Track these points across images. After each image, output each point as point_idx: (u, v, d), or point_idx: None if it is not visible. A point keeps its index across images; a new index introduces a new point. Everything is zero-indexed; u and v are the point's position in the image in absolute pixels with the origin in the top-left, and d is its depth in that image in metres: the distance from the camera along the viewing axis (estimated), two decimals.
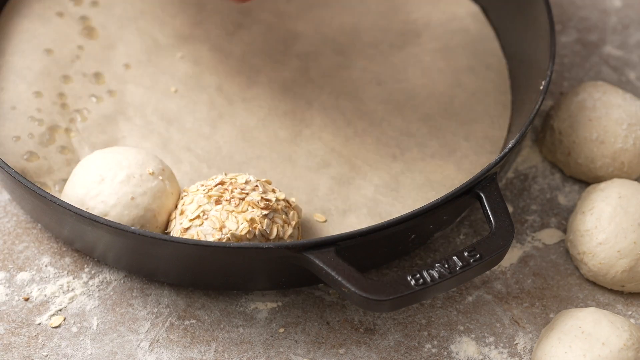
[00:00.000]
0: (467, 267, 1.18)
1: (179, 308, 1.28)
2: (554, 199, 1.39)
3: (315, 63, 1.47)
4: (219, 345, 1.26)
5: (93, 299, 1.28)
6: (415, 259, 1.33)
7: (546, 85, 1.32)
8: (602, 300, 1.31)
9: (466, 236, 1.35)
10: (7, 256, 1.31)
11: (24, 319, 1.27)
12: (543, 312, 1.30)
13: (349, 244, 1.20)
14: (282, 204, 1.26)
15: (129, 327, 1.27)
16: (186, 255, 1.22)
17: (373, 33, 1.51)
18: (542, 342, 1.24)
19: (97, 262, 1.31)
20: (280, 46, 1.49)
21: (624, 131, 1.37)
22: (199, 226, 1.23)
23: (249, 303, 1.29)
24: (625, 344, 1.21)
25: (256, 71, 1.46)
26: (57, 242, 1.32)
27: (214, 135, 1.39)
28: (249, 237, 1.22)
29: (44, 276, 1.30)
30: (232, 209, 1.23)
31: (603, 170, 1.37)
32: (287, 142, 1.40)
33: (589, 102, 1.39)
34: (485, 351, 1.27)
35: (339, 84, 1.45)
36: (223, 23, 1.50)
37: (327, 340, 1.27)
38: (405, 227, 1.22)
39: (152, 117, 1.40)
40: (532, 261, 1.34)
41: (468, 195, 1.25)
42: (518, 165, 1.42)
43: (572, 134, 1.38)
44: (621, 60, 1.54)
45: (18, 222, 1.34)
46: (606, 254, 1.29)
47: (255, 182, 1.27)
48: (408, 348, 1.27)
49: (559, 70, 1.52)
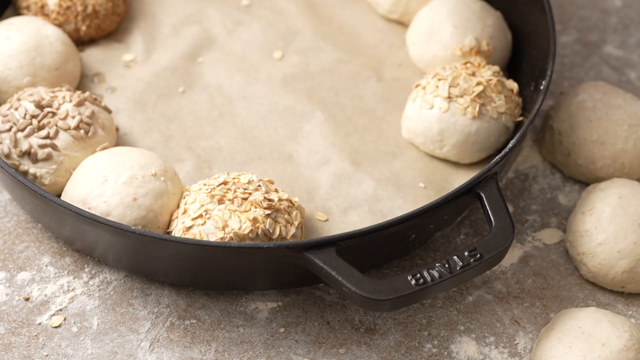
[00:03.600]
0: (467, 267, 1.18)
1: (179, 308, 1.28)
2: (554, 199, 1.39)
3: (315, 59, 1.48)
4: (219, 345, 1.26)
5: (93, 298, 1.28)
6: (416, 259, 1.33)
7: (546, 85, 1.32)
8: (603, 300, 1.31)
9: (466, 236, 1.36)
10: (7, 256, 1.31)
11: (24, 318, 1.27)
12: (543, 312, 1.30)
13: (349, 244, 1.20)
14: (285, 203, 1.26)
15: (130, 327, 1.27)
16: (186, 255, 1.22)
17: (373, 33, 1.51)
18: (541, 342, 1.24)
19: (97, 262, 1.31)
20: (280, 42, 1.49)
21: (625, 132, 1.37)
22: (202, 225, 1.23)
23: (250, 303, 1.29)
24: (625, 344, 1.20)
25: (256, 68, 1.46)
26: (58, 242, 1.32)
27: (214, 135, 1.40)
28: (251, 236, 1.22)
29: (44, 276, 1.30)
30: (235, 208, 1.23)
31: (603, 172, 1.37)
32: (287, 139, 1.40)
33: (589, 102, 1.39)
34: (486, 351, 1.27)
35: (339, 80, 1.45)
36: (223, 20, 1.51)
37: (328, 340, 1.27)
38: (405, 226, 1.22)
39: (152, 115, 1.41)
40: (532, 261, 1.34)
41: (468, 195, 1.25)
42: (518, 165, 1.42)
43: (571, 135, 1.38)
44: (621, 60, 1.54)
45: (18, 222, 1.34)
46: (606, 254, 1.29)
47: (258, 181, 1.27)
48: (408, 348, 1.27)
49: (559, 70, 1.52)
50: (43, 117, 1.30)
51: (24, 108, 1.30)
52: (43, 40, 1.38)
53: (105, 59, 1.46)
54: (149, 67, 1.45)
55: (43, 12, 1.43)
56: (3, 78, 1.36)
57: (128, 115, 1.40)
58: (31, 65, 1.37)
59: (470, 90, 1.34)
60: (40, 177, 1.29)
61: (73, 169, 1.30)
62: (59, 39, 1.39)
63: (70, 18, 1.44)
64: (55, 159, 1.29)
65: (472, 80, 1.35)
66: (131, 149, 1.29)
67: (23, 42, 1.37)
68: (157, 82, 1.44)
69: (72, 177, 1.29)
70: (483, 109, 1.34)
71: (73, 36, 1.45)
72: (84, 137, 1.31)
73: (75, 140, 1.30)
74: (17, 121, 1.30)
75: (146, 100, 1.42)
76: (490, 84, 1.35)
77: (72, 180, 1.28)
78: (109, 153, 1.29)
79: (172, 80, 1.44)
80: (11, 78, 1.36)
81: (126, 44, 1.48)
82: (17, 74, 1.36)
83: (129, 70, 1.45)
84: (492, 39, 1.43)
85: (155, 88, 1.43)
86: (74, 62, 1.40)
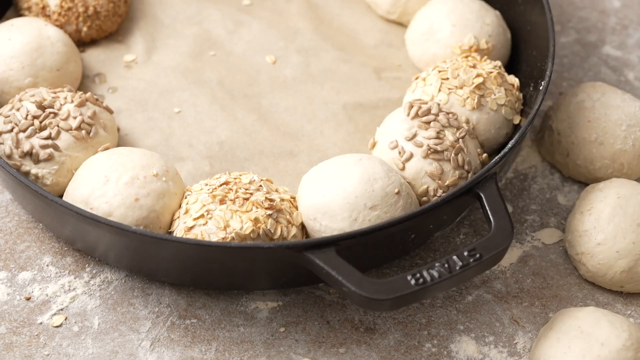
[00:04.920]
0: (467, 266, 1.18)
1: (179, 307, 1.29)
2: (553, 199, 1.40)
3: (316, 58, 1.48)
4: (219, 345, 1.26)
5: (94, 298, 1.29)
6: (416, 259, 1.33)
7: (546, 86, 1.32)
8: (602, 299, 1.31)
9: (466, 236, 1.36)
10: (8, 256, 1.31)
11: (25, 318, 1.27)
12: (542, 311, 1.30)
13: (349, 244, 1.20)
14: (287, 204, 1.27)
15: (130, 326, 1.27)
16: (187, 255, 1.22)
17: (372, 34, 1.51)
18: (540, 341, 1.24)
19: (98, 262, 1.31)
20: (280, 42, 1.49)
21: (623, 132, 1.37)
22: (203, 225, 1.23)
23: (250, 302, 1.29)
24: (624, 344, 1.20)
25: (257, 68, 1.47)
26: (59, 242, 1.33)
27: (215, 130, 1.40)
28: (253, 236, 1.22)
29: (45, 276, 1.30)
30: (237, 208, 1.23)
31: (602, 172, 1.37)
32: (288, 137, 1.40)
33: (587, 102, 1.39)
34: (485, 350, 1.27)
35: (339, 79, 1.46)
36: (223, 21, 1.51)
37: (328, 340, 1.27)
38: (405, 226, 1.22)
39: (153, 114, 1.41)
40: (531, 261, 1.34)
41: (468, 195, 1.25)
42: (518, 165, 1.42)
43: (570, 135, 1.39)
44: (620, 61, 1.54)
45: (19, 222, 1.34)
46: (605, 254, 1.29)
47: (260, 182, 1.27)
48: (408, 347, 1.27)
49: (558, 71, 1.52)
50: (45, 118, 1.30)
51: (26, 109, 1.31)
52: (44, 41, 1.38)
53: (106, 60, 1.46)
54: (150, 68, 1.46)
55: (44, 13, 1.44)
56: (5, 79, 1.37)
57: (129, 115, 1.41)
58: (33, 66, 1.37)
59: (470, 81, 1.35)
60: (41, 177, 1.29)
61: (75, 170, 1.30)
62: (61, 40, 1.40)
63: (71, 19, 1.44)
64: (57, 160, 1.30)
65: (472, 72, 1.35)
66: (132, 149, 1.30)
67: (25, 43, 1.37)
68: (158, 82, 1.44)
69: (73, 178, 1.29)
70: (482, 101, 1.35)
71: (74, 37, 1.45)
72: (85, 137, 1.31)
73: (77, 140, 1.31)
74: (19, 122, 1.30)
75: (147, 100, 1.42)
76: (490, 77, 1.35)
77: (74, 180, 1.28)
78: (111, 153, 1.29)
79: (172, 81, 1.44)
80: (13, 79, 1.37)
81: (127, 44, 1.48)
82: (18, 75, 1.37)
83: (130, 70, 1.45)
84: (491, 37, 1.43)
85: (156, 88, 1.43)
86: (75, 63, 1.41)
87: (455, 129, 1.31)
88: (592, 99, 1.39)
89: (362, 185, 1.24)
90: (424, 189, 1.29)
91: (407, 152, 1.29)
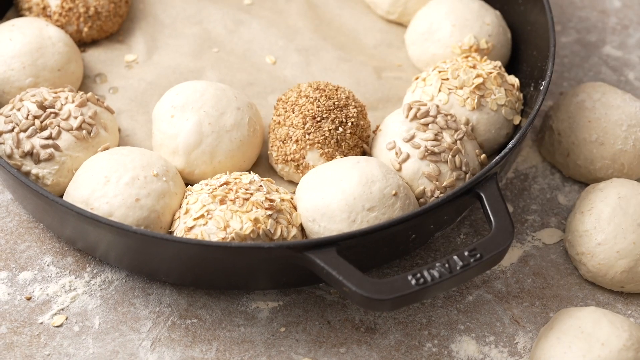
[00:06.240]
0: (467, 266, 1.18)
1: (180, 307, 1.29)
2: (554, 199, 1.40)
3: (316, 58, 1.48)
4: (220, 345, 1.26)
5: (95, 298, 1.29)
6: (416, 259, 1.34)
7: (546, 86, 1.32)
8: (602, 299, 1.31)
9: (466, 236, 1.36)
10: (9, 256, 1.31)
11: (26, 318, 1.27)
12: (543, 311, 1.30)
13: (349, 244, 1.20)
14: (287, 204, 1.27)
15: (131, 326, 1.27)
16: (188, 255, 1.23)
17: (372, 34, 1.52)
18: (540, 341, 1.24)
19: (98, 262, 1.31)
20: (281, 41, 1.49)
21: (624, 132, 1.37)
22: (203, 225, 1.23)
23: (250, 302, 1.29)
24: (625, 344, 1.20)
25: (257, 68, 1.47)
26: (59, 242, 1.33)
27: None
28: (252, 236, 1.22)
29: (46, 275, 1.30)
30: (237, 208, 1.23)
31: (602, 172, 1.37)
32: None
33: (588, 102, 1.39)
34: (486, 350, 1.27)
35: (339, 79, 1.46)
36: (223, 20, 1.51)
37: (328, 340, 1.27)
38: (406, 226, 1.23)
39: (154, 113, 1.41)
40: (532, 261, 1.34)
41: (468, 195, 1.25)
42: (518, 165, 1.43)
43: (571, 135, 1.39)
44: (620, 61, 1.54)
45: (20, 222, 1.34)
46: (605, 254, 1.29)
47: (260, 182, 1.27)
48: (409, 347, 1.27)
49: (559, 71, 1.53)
50: (45, 118, 1.30)
51: (27, 109, 1.31)
52: (45, 41, 1.38)
53: (107, 60, 1.46)
54: (151, 68, 1.46)
55: (45, 14, 1.44)
56: (6, 79, 1.37)
57: (130, 115, 1.41)
58: (34, 66, 1.37)
59: (470, 82, 1.35)
60: (42, 177, 1.30)
61: (75, 170, 1.30)
62: (62, 40, 1.40)
63: (72, 19, 1.44)
64: (58, 160, 1.30)
65: (472, 72, 1.35)
66: (133, 149, 1.30)
67: (26, 43, 1.37)
68: (159, 82, 1.44)
69: (74, 178, 1.29)
70: (482, 101, 1.35)
71: (75, 37, 1.45)
72: (86, 137, 1.31)
73: (78, 140, 1.31)
74: (20, 122, 1.30)
75: (148, 100, 1.42)
76: (490, 77, 1.35)
77: (74, 180, 1.28)
78: (111, 153, 1.29)
79: (173, 80, 1.44)
80: (14, 79, 1.37)
81: (128, 44, 1.48)
82: (19, 75, 1.37)
83: (130, 70, 1.45)
84: (491, 37, 1.43)
85: (157, 88, 1.44)
86: (76, 63, 1.41)
87: (453, 130, 1.31)
88: (592, 99, 1.39)
89: (361, 187, 1.25)
90: (421, 189, 1.29)
91: (404, 153, 1.29)
